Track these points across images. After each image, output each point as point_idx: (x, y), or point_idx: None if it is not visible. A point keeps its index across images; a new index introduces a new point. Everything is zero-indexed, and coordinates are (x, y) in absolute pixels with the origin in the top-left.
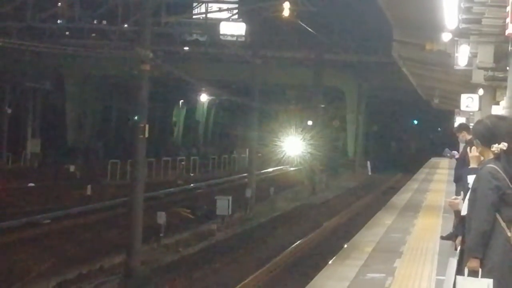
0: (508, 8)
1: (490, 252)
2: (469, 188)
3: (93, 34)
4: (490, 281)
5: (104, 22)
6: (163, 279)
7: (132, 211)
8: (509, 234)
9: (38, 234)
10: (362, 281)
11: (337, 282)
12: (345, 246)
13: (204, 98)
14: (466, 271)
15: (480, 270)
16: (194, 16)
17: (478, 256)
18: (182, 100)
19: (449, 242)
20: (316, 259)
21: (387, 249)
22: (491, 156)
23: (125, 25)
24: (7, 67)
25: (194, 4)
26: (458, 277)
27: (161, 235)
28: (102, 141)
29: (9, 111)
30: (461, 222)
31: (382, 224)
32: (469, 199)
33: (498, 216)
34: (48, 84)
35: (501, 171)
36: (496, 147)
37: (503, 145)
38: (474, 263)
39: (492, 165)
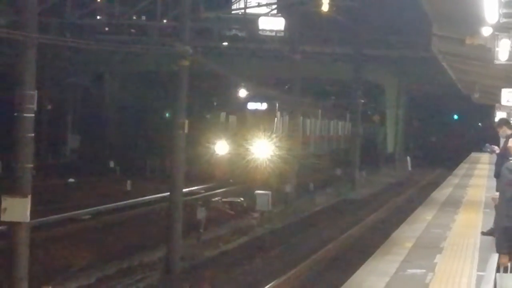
0: None
1: None
2: None
3: (132, 30)
4: None
5: (143, 17)
6: (203, 274)
7: (172, 206)
8: None
9: (78, 230)
10: (403, 277)
11: (377, 277)
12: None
13: (243, 93)
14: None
15: (509, 264)
16: (233, 12)
17: (503, 251)
18: None
19: (490, 238)
20: (357, 254)
21: (427, 245)
22: None
23: (164, 21)
24: (47, 64)
25: (233, 0)
26: (497, 273)
27: (200, 230)
28: (142, 137)
29: (49, 107)
30: None
31: (422, 219)
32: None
33: None
34: (87, 80)
35: None
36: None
37: None
38: (502, 259)
39: None
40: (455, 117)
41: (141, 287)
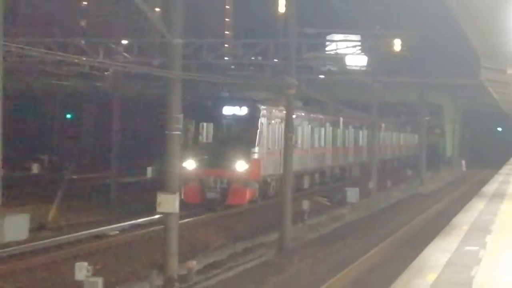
0: None
1: None
2: None
3: (251, 67)
4: None
5: (260, 57)
6: (307, 250)
7: (284, 200)
8: None
9: (215, 218)
10: (461, 253)
11: (441, 253)
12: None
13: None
14: None
15: None
16: (326, 52)
17: None
18: None
19: None
20: (425, 235)
21: (480, 228)
22: None
23: (275, 60)
24: (186, 94)
25: (327, 43)
26: None
27: (305, 218)
28: None
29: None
30: None
31: (476, 208)
32: None
33: None
34: None
35: None
36: None
37: None
38: None
39: None
40: (499, 129)
41: (262, 260)
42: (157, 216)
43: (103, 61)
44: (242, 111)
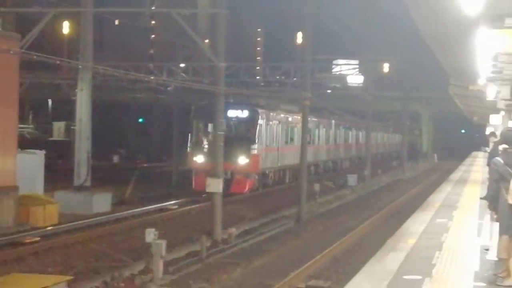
0: None
1: (499, 206)
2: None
3: (277, 84)
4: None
5: (283, 77)
6: (318, 221)
7: (300, 183)
8: (506, 196)
9: (249, 197)
10: (434, 223)
11: (419, 224)
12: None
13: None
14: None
15: (495, 216)
16: (333, 73)
17: (492, 208)
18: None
19: (485, 201)
20: (406, 210)
21: (448, 205)
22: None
23: (295, 79)
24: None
25: (333, 66)
26: (490, 222)
27: (316, 197)
28: None
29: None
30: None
31: (445, 190)
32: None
33: (501, 186)
34: None
35: (501, 161)
36: (500, 147)
37: (502, 146)
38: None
39: (498, 157)
40: (463, 131)
41: (284, 228)
42: (205, 195)
43: (166, 79)
44: (244, 114)
